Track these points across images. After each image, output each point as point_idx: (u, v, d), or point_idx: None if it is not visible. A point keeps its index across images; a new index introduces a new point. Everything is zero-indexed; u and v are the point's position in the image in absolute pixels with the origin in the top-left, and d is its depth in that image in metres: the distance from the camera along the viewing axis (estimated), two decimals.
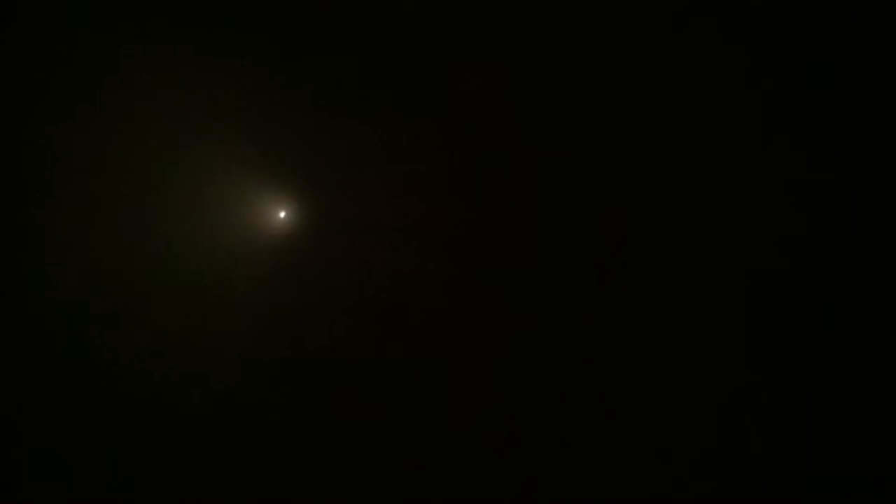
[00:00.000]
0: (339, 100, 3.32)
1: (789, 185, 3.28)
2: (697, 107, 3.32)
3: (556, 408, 3.22)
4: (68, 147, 3.28)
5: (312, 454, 3.21)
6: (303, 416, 3.23)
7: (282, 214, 3.28)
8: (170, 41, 3.29)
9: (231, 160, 3.28)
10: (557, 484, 3.19)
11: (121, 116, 3.29)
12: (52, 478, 3.19)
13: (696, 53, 3.31)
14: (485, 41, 3.32)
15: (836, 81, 3.30)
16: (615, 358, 3.24)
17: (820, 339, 3.22)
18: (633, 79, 3.31)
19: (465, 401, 3.22)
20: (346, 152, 3.31)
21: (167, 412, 3.22)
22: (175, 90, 3.29)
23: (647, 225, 3.28)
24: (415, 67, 3.31)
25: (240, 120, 3.29)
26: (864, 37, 3.29)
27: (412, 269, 3.25)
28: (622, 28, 3.32)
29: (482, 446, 3.19)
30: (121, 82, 3.29)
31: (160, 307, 3.24)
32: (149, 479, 3.19)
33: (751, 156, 3.31)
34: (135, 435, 3.21)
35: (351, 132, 3.31)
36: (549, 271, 3.27)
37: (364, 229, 3.27)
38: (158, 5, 3.29)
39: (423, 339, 3.23)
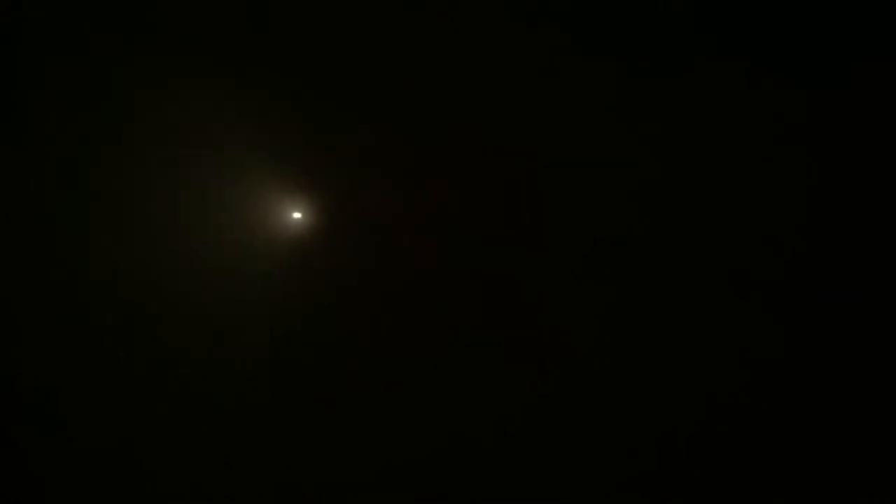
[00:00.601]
0: (348, 103, 3.33)
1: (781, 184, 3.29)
2: (693, 109, 3.33)
3: (557, 405, 3.22)
4: (84, 152, 3.30)
5: (324, 449, 3.22)
6: (316, 413, 3.24)
7: (295, 215, 3.30)
8: (182, 50, 3.31)
9: (245, 163, 3.30)
10: (552, 483, 3.20)
11: (135, 122, 3.30)
12: (58, 471, 3.20)
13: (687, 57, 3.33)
14: (491, 43, 3.33)
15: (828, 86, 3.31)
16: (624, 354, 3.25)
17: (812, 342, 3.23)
18: (624, 81, 3.33)
19: (477, 397, 3.22)
20: (357, 154, 3.32)
21: (181, 412, 3.24)
22: (188, 97, 3.30)
23: (639, 223, 3.29)
24: (424, 70, 3.33)
25: (252, 123, 3.31)
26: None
27: (425, 267, 3.27)
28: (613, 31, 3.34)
29: (490, 444, 3.20)
30: (135, 89, 3.31)
31: (176, 307, 3.26)
32: (164, 472, 3.20)
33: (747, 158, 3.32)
34: (151, 429, 3.23)
35: (361, 134, 3.33)
36: (555, 268, 3.28)
37: (377, 228, 3.29)
38: (170, 16, 3.30)
39: (438, 334, 3.24)
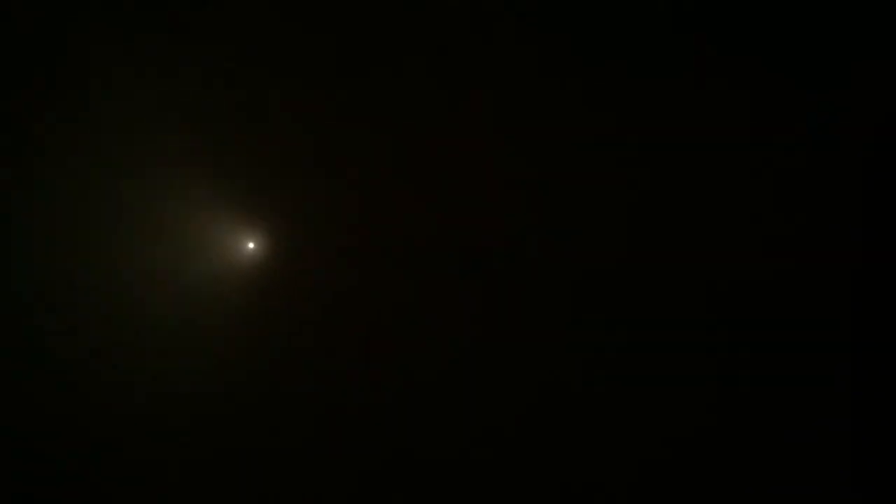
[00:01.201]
0: (308, 131, 3.32)
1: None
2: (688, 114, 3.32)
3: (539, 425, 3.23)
4: (48, 178, 3.28)
5: (290, 478, 3.22)
6: (278, 441, 3.23)
7: (250, 245, 3.29)
8: (145, 81, 3.28)
9: (200, 191, 3.28)
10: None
11: (94, 149, 3.27)
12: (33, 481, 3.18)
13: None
14: (466, 66, 3.33)
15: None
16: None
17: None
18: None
19: (449, 422, 3.23)
20: (313, 180, 3.31)
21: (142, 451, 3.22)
22: (147, 125, 3.28)
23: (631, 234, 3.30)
24: (392, 87, 3.31)
25: (209, 151, 3.29)
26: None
27: (384, 291, 3.27)
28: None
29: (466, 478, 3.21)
30: (97, 116, 3.28)
31: (135, 336, 3.23)
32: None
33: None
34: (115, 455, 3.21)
35: (321, 163, 3.31)
36: (537, 291, 3.28)
37: (336, 254, 3.29)
38: (132, 46, 3.28)
39: (399, 359, 3.24)
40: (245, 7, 3.29)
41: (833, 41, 3.30)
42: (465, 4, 3.29)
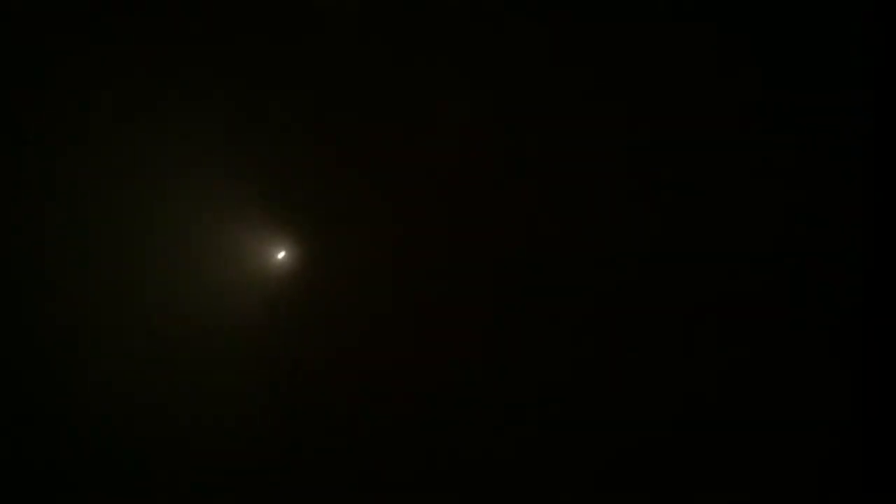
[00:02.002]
0: (334, 136, 3.31)
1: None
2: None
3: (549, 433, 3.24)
4: (65, 183, 3.27)
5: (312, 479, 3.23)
6: (302, 452, 3.24)
7: (280, 254, 3.28)
8: (166, 83, 3.28)
9: (228, 199, 3.27)
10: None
11: (116, 155, 3.27)
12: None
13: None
14: (479, 72, 3.31)
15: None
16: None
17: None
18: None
19: (472, 432, 3.23)
20: (343, 190, 3.30)
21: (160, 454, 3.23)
22: (172, 128, 3.27)
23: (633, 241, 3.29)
24: (410, 102, 3.30)
25: (236, 158, 3.28)
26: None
27: (411, 301, 3.26)
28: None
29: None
30: (117, 120, 3.28)
31: (156, 346, 3.23)
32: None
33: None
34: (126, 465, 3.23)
35: (348, 168, 3.30)
36: (543, 298, 3.28)
37: (363, 264, 3.28)
38: (154, 49, 3.28)
39: (422, 371, 3.23)
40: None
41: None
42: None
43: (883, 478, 3.15)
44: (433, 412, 3.21)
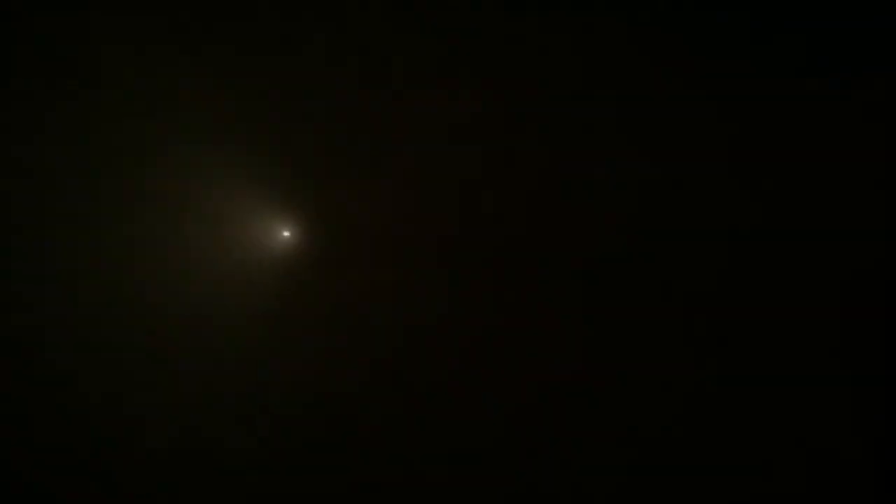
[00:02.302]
0: (344, 117, 3.30)
1: None
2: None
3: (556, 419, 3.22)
4: (71, 161, 3.25)
5: (317, 470, 3.20)
6: (307, 433, 3.21)
7: (285, 233, 3.27)
8: (177, 61, 3.27)
9: (236, 178, 3.26)
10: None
11: (123, 133, 3.26)
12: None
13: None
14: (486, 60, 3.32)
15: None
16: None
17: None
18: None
19: (469, 414, 3.21)
20: (349, 169, 3.29)
21: (166, 427, 3.19)
22: (180, 107, 3.27)
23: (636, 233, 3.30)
24: (420, 82, 3.31)
25: (244, 137, 3.27)
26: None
27: (416, 286, 3.24)
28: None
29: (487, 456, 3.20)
30: (124, 98, 3.26)
31: (162, 322, 3.21)
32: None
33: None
34: (130, 450, 3.19)
35: (355, 149, 3.30)
36: (549, 285, 3.27)
37: (367, 245, 3.26)
38: (165, 21, 3.27)
39: (428, 353, 3.21)
40: None
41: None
42: None
43: None
44: (436, 397, 3.20)
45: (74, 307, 3.18)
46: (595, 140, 3.29)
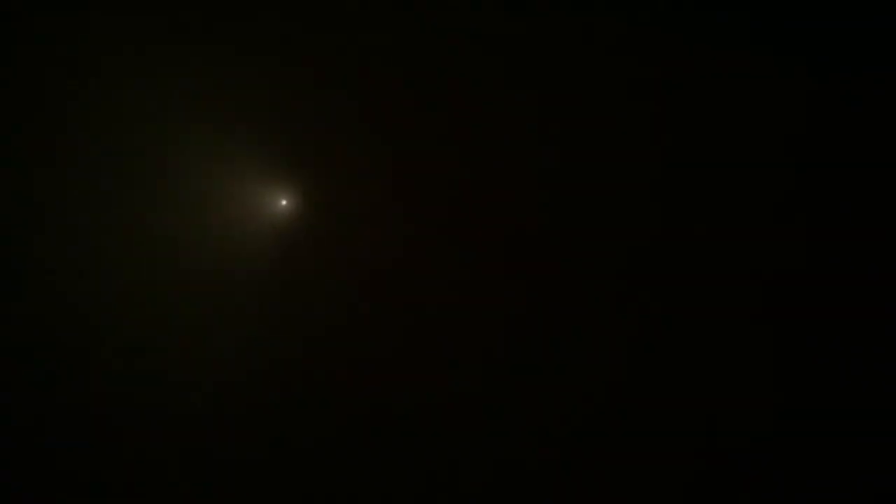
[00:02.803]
0: (342, 90, 3.28)
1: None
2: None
3: (563, 409, 3.20)
4: (65, 140, 3.24)
5: (314, 451, 3.18)
6: (306, 412, 3.18)
7: (282, 203, 3.23)
8: (168, 36, 3.26)
9: (231, 150, 3.24)
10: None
11: (117, 110, 3.24)
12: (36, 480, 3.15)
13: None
14: (491, 38, 3.31)
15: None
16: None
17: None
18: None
19: (469, 399, 3.19)
20: (348, 141, 3.26)
21: (165, 409, 3.16)
22: (172, 82, 3.25)
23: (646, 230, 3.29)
24: (420, 59, 3.30)
25: (240, 111, 3.26)
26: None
27: (415, 260, 3.21)
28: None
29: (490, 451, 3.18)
30: (118, 76, 3.25)
31: (159, 301, 3.18)
32: (144, 482, 3.15)
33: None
34: (132, 434, 3.16)
35: (353, 122, 3.27)
36: (554, 269, 3.25)
37: (367, 219, 3.23)
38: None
39: (427, 330, 3.18)
40: None
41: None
42: None
43: None
44: (439, 366, 3.17)
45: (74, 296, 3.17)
46: (595, 140, 3.30)
